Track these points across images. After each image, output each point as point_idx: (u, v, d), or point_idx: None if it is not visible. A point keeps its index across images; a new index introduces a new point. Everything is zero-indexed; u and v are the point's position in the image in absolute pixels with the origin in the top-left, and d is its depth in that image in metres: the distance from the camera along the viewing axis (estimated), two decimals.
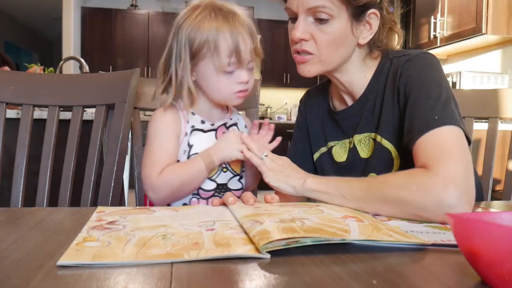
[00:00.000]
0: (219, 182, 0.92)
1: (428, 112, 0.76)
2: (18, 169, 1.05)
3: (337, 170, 0.97)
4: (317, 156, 1.03)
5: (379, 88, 0.90)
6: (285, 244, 0.49)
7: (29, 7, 7.48)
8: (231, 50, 0.84)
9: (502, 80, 3.10)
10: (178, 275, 0.42)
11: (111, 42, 6.00)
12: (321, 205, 0.73)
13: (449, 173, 0.67)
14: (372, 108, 0.91)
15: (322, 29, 0.84)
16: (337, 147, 0.99)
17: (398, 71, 0.86)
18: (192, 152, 0.90)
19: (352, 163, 0.94)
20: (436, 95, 0.78)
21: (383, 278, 0.42)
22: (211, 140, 0.92)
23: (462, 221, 0.41)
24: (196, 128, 0.92)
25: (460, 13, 3.16)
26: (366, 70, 0.92)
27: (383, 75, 0.90)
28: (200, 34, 0.84)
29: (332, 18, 0.83)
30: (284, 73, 6.38)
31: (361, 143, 0.93)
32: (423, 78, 0.82)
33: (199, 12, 0.86)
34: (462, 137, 0.74)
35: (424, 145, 0.74)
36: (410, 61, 0.85)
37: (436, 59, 0.86)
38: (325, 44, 0.85)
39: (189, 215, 0.67)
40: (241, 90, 0.88)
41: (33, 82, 1.10)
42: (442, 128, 0.73)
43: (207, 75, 0.88)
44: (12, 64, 3.01)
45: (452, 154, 0.70)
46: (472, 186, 0.68)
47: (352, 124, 0.95)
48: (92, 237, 0.54)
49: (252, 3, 6.13)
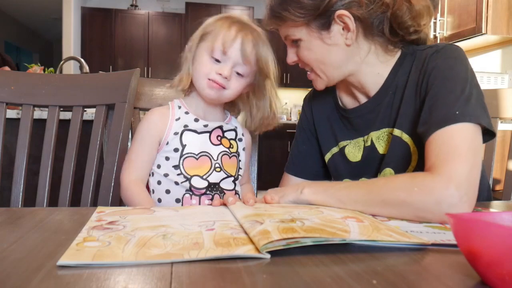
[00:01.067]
0: (211, 181, 0.93)
1: (449, 106, 0.74)
2: (18, 169, 1.05)
3: (351, 170, 0.96)
4: (329, 157, 1.01)
5: (399, 82, 0.88)
6: (285, 244, 0.49)
7: (29, 7, 7.48)
8: (228, 41, 0.89)
9: (502, 80, 3.10)
10: (178, 275, 0.42)
11: (111, 42, 6.00)
12: (321, 206, 0.73)
13: (452, 172, 0.66)
14: (391, 103, 0.89)
15: (299, 51, 0.90)
16: (350, 146, 0.97)
17: (424, 63, 0.84)
18: (185, 151, 0.92)
19: (368, 161, 0.93)
20: (460, 90, 0.76)
21: (383, 278, 0.42)
22: (205, 142, 0.95)
23: (462, 221, 0.41)
24: (188, 128, 0.94)
25: (460, 13, 3.16)
26: (380, 67, 0.90)
27: (404, 69, 0.88)
28: (213, 24, 0.93)
29: (300, 40, 0.88)
30: (284, 73, 6.38)
31: (379, 140, 0.91)
32: (450, 70, 0.80)
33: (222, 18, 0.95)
34: (476, 137, 0.72)
35: (435, 143, 0.72)
36: (437, 53, 0.83)
37: (462, 51, 0.84)
38: (308, 61, 0.91)
39: (189, 215, 0.67)
40: (215, 81, 0.90)
41: (33, 82, 1.10)
42: (460, 125, 0.72)
43: (199, 55, 0.93)
44: (12, 64, 3.01)
45: (460, 154, 0.69)
46: (475, 187, 0.68)
47: (367, 121, 0.93)
48: (92, 237, 0.54)
49: (252, 3, 6.14)
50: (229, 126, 1.00)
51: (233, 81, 0.92)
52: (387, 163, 0.89)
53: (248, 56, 0.90)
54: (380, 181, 0.74)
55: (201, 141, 0.94)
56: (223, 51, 0.89)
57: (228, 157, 0.97)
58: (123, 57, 6.03)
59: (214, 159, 0.94)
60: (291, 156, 1.08)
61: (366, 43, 0.88)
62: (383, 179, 0.74)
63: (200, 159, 0.93)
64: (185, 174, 0.92)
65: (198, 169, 0.93)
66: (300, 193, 0.75)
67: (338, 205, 0.72)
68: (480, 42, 3.24)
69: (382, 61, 0.90)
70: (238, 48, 0.89)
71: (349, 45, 0.87)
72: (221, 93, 0.92)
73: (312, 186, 0.76)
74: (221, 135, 0.98)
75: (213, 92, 0.91)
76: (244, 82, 0.94)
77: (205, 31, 0.93)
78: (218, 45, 0.89)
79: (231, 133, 1.00)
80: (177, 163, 0.92)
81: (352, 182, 0.77)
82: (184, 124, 0.94)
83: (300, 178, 1.05)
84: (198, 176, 0.92)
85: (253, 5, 6.12)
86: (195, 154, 0.93)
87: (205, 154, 0.94)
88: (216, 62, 0.91)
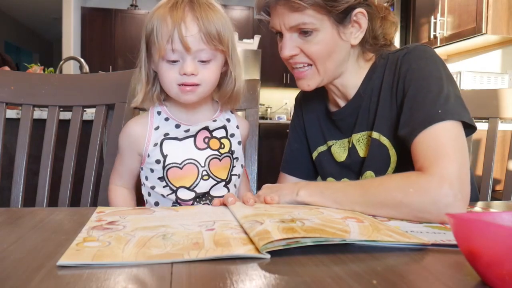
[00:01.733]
0: (198, 191, 0.87)
1: (430, 106, 0.76)
2: (18, 169, 1.05)
3: (337, 169, 0.97)
4: (316, 155, 1.03)
5: (374, 85, 0.90)
6: (285, 244, 0.49)
7: (29, 7, 7.48)
8: (169, 35, 0.78)
9: (502, 80, 3.10)
10: (178, 275, 0.42)
11: (111, 42, 6.00)
12: (321, 207, 0.73)
13: (443, 172, 0.67)
14: (367, 106, 0.91)
15: (309, 41, 0.84)
16: (336, 146, 0.98)
17: (397, 65, 0.85)
18: (168, 162, 0.86)
19: (352, 162, 0.94)
20: (437, 89, 0.77)
21: (383, 278, 0.42)
22: (189, 149, 0.88)
23: (462, 221, 0.41)
24: (169, 137, 0.87)
25: (460, 13, 3.16)
26: (359, 71, 0.92)
27: (377, 72, 0.90)
28: (150, 23, 0.82)
29: (316, 30, 0.83)
30: (284, 73, 6.38)
31: (359, 142, 0.92)
32: (423, 70, 0.81)
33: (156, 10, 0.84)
34: (460, 134, 0.74)
35: (422, 144, 0.74)
36: (408, 54, 0.85)
37: (432, 50, 0.85)
38: (316, 55, 0.85)
39: (189, 215, 0.67)
40: (185, 84, 0.81)
41: (33, 82, 1.10)
42: (443, 124, 0.73)
43: (155, 65, 0.84)
44: (12, 64, 3.01)
45: (447, 153, 0.70)
46: (467, 184, 0.68)
47: (349, 124, 0.95)
48: (92, 237, 0.54)
49: (252, 3, 6.13)
50: (217, 124, 0.91)
51: (203, 72, 0.82)
52: (367, 166, 0.90)
53: (200, 40, 0.79)
54: (375, 182, 0.73)
55: (184, 148, 0.87)
56: (172, 50, 0.79)
57: (218, 160, 0.90)
58: (123, 57, 6.02)
59: (202, 165, 0.88)
60: (285, 155, 1.09)
61: (358, 44, 0.90)
62: (378, 180, 0.74)
63: (184, 168, 0.87)
64: (171, 186, 0.87)
65: (184, 179, 0.87)
66: (296, 195, 0.74)
67: (335, 207, 0.72)
68: (480, 42, 3.24)
69: (361, 65, 0.92)
70: (182, 38, 0.78)
71: (353, 46, 0.88)
72: (198, 91, 0.83)
73: (308, 188, 0.75)
74: (208, 136, 0.90)
75: (190, 95, 0.83)
76: (214, 66, 0.83)
77: (147, 36, 0.84)
78: (163, 46, 0.79)
79: (221, 131, 0.91)
80: (161, 174, 0.87)
81: (348, 183, 0.77)
82: (164, 133, 0.87)
83: (295, 177, 1.06)
84: (184, 187, 0.87)
85: (253, 5, 6.12)
86: (179, 163, 0.87)
87: (190, 161, 0.87)
88: (174, 64, 0.81)
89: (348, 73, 0.91)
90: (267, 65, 6.09)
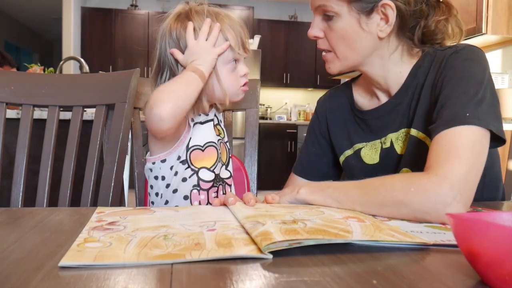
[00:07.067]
0: (217, 172, 0.95)
1: (460, 107, 0.74)
2: (18, 169, 1.05)
3: (367, 172, 0.95)
4: (343, 159, 1.01)
5: (419, 82, 0.88)
6: (288, 244, 0.49)
7: (29, 7, 7.48)
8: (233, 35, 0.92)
9: (502, 80, 3.10)
10: (178, 275, 0.42)
11: (111, 42, 6.01)
12: (321, 206, 0.73)
13: (448, 173, 0.66)
14: (409, 103, 0.89)
15: (330, 25, 0.86)
16: (366, 149, 0.96)
17: (442, 63, 0.83)
18: (191, 144, 0.93)
19: (387, 162, 0.92)
20: (473, 92, 0.75)
21: (383, 278, 0.42)
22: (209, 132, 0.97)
23: (462, 221, 0.41)
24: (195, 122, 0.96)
25: (460, 13, 3.13)
26: (402, 66, 0.90)
27: (423, 68, 0.88)
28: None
29: (336, 15, 0.85)
30: (284, 73, 6.38)
31: (398, 140, 0.91)
32: (466, 71, 0.79)
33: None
34: (481, 141, 0.71)
35: (438, 142, 0.72)
36: (456, 53, 0.83)
37: (482, 53, 0.83)
38: (335, 41, 0.87)
39: (190, 215, 0.67)
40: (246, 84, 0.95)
41: (33, 82, 1.10)
42: (467, 127, 0.71)
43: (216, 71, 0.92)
44: (12, 61, 3.01)
45: (459, 155, 0.68)
46: (471, 188, 0.67)
47: (385, 123, 0.93)
48: (93, 237, 0.54)
49: (252, 3, 6.14)
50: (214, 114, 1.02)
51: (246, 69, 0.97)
52: (405, 163, 0.88)
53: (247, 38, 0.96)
54: (377, 181, 0.73)
55: (206, 131, 0.96)
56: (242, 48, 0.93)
57: (224, 145, 1.01)
58: (123, 57, 6.03)
59: (218, 148, 0.96)
60: (300, 158, 1.08)
61: (396, 41, 0.88)
62: (380, 179, 0.73)
63: (206, 150, 0.94)
64: (192, 167, 0.92)
65: (205, 160, 0.93)
66: (297, 193, 0.74)
67: (336, 205, 0.71)
68: (480, 42, 3.24)
69: (404, 61, 0.90)
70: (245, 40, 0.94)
71: (381, 38, 0.86)
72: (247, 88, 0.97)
73: (309, 186, 0.75)
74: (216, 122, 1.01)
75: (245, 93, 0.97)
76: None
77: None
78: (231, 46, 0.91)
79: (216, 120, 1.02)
80: (185, 157, 0.93)
81: (350, 182, 0.76)
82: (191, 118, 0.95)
83: (307, 180, 1.05)
84: (205, 168, 0.93)
85: (253, 5, 6.12)
86: (201, 145, 0.94)
87: (211, 144, 0.95)
88: (233, 64, 0.93)
89: (386, 66, 0.90)
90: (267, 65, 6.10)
